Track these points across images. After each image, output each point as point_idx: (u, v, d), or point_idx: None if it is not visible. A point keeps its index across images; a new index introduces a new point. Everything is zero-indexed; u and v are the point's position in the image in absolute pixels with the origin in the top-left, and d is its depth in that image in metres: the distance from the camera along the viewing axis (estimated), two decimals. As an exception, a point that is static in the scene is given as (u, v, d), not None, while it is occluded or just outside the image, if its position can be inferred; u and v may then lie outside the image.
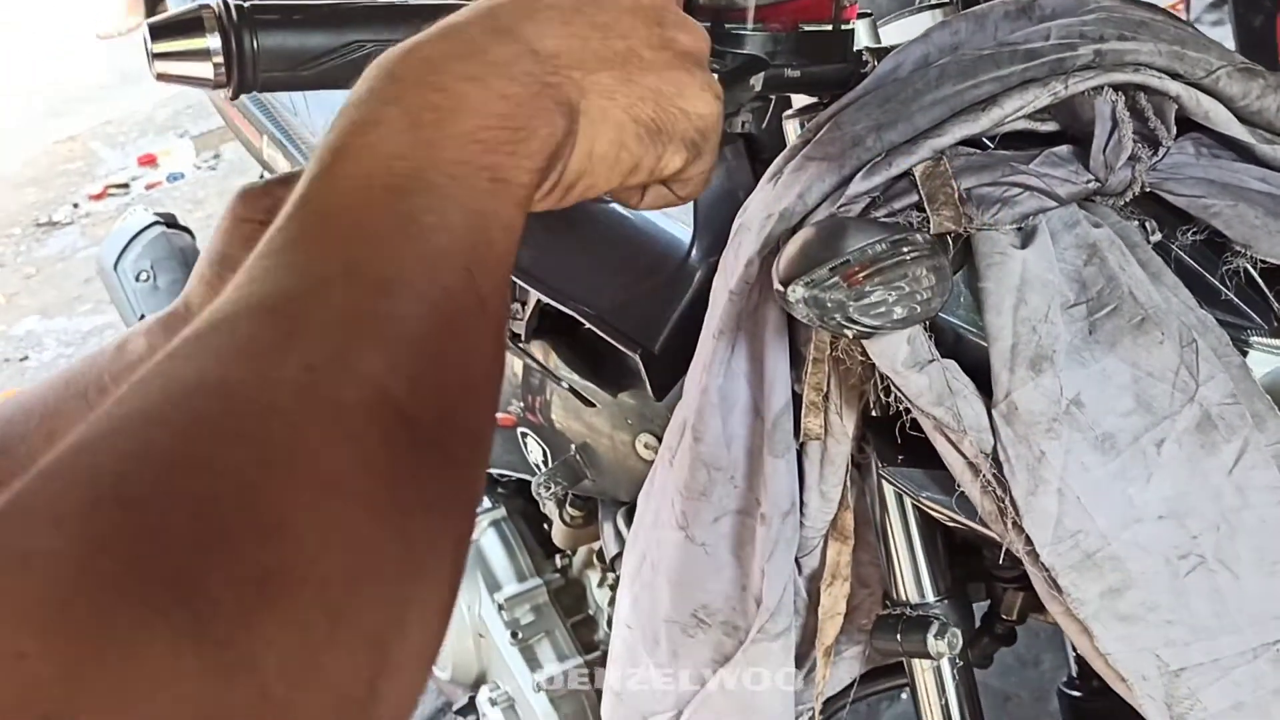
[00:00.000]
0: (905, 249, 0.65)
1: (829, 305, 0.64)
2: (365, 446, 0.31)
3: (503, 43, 0.47)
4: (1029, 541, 0.70)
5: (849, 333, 0.67)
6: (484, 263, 0.40)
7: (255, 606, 0.26)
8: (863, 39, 0.86)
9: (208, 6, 0.65)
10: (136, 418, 0.29)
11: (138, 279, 2.13)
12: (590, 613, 1.47)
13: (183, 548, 0.26)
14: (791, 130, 0.83)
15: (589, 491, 1.21)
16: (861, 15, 0.86)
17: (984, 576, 0.92)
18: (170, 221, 2.25)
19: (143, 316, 2.13)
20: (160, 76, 0.66)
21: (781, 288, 0.64)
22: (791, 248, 0.66)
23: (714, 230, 0.96)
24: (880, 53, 0.78)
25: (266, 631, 0.26)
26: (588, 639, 1.46)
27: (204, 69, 0.65)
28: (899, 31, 0.94)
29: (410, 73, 0.44)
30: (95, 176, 4.53)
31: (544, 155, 0.45)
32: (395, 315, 0.36)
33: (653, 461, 1.00)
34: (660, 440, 1.07)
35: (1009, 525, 0.71)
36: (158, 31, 0.64)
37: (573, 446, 1.18)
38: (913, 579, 0.86)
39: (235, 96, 0.67)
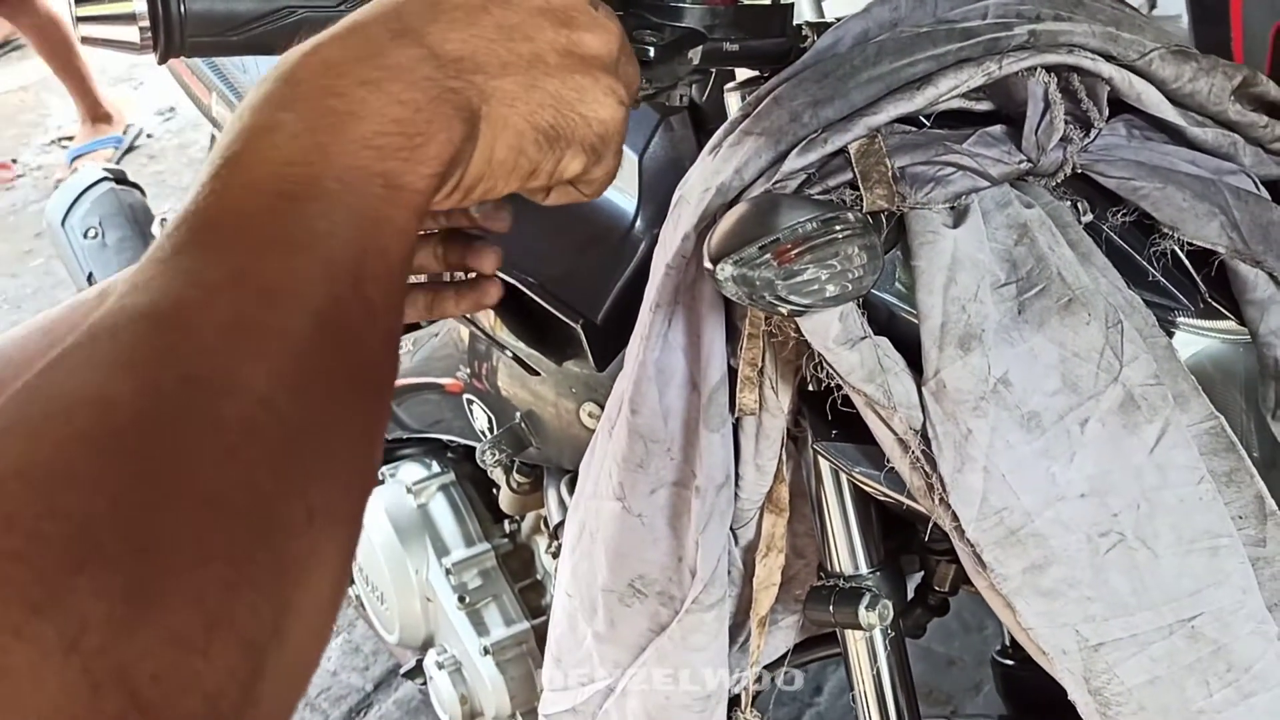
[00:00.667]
0: (837, 227, 0.65)
1: (758, 284, 0.64)
2: (244, 460, 0.31)
3: (404, 45, 0.46)
4: (955, 518, 0.71)
5: (781, 310, 0.67)
6: (375, 270, 0.40)
7: (127, 619, 0.26)
8: (805, 12, 0.86)
9: None
10: (16, 431, 0.29)
11: (86, 236, 2.11)
12: (538, 577, 1.48)
13: (54, 565, 0.26)
14: (733, 102, 0.83)
15: (534, 459, 1.21)
16: (805, -13, 0.86)
17: (917, 548, 0.93)
18: (120, 177, 2.22)
19: (90, 275, 2.11)
20: (84, 40, 0.64)
21: (711, 265, 0.65)
22: (722, 226, 0.66)
23: (658, 201, 0.96)
24: (820, 27, 0.78)
25: (139, 643, 0.26)
26: (535, 604, 1.47)
27: (129, 32, 0.64)
28: (844, 4, 0.95)
29: (309, 75, 0.44)
30: (47, 128, 4.45)
31: (441, 161, 0.45)
32: (280, 326, 0.36)
33: (595, 430, 1.00)
34: (603, 409, 1.07)
35: (936, 501, 0.72)
36: None
37: (518, 414, 1.18)
38: (846, 551, 0.87)
39: (162, 61, 0.66)
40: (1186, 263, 0.73)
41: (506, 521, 1.49)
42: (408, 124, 0.44)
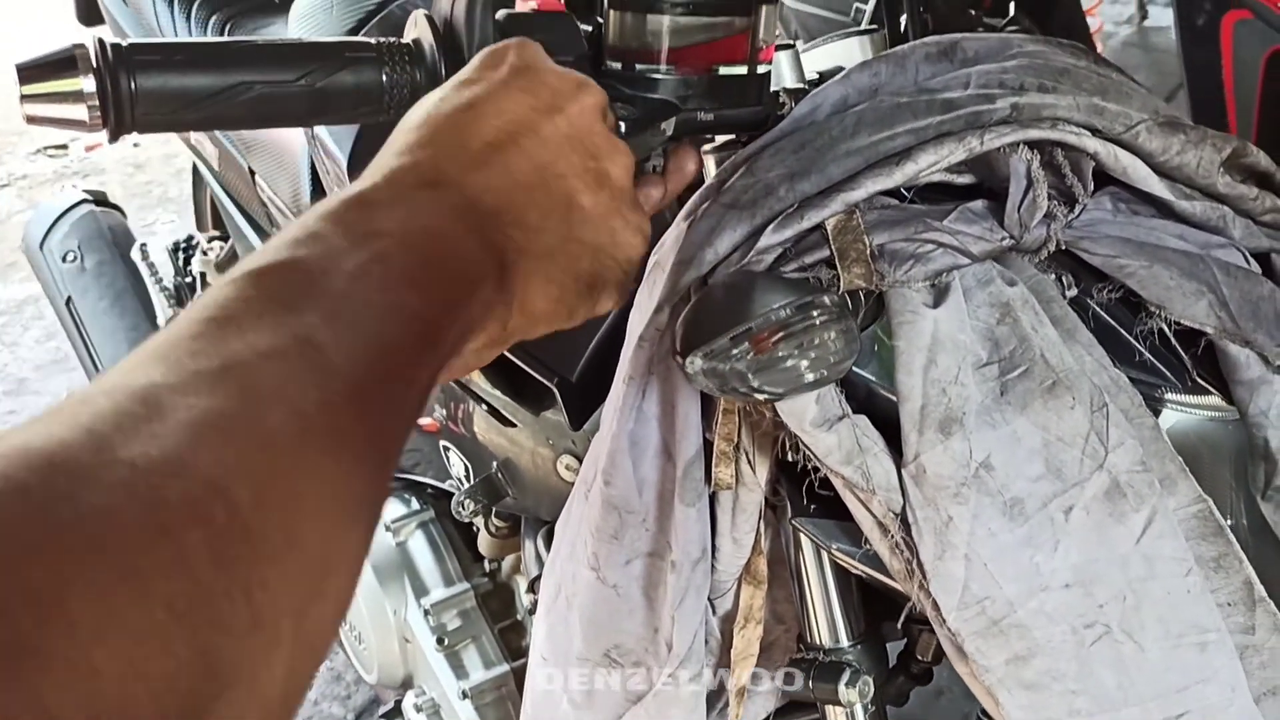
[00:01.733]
0: (814, 313, 0.63)
1: (729, 376, 0.62)
2: (180, 543, 0.30)
3: (443, 194, 0.47)
4: (936, 605, 0.69)
5: (756, 399, 0.65)
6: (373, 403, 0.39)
7: (5, 680, 0.25)
8: (785, 71, 0.83)
9: (81, 45, 0.61)
10: None
11: (64, 259, 2.07)
12: (519, 618, 1.46)
13: None
14: (710, 165, 0.80)
15: (511, 509, 1.19)
16: (782, 47, 0.83)
17: (899, 617, 0.91)
18: (100, 199, 2.19)
19: (69, 299, 2.09)
20: (30, 119, 0.62)
21: (680, 359, 0.62)
22: (692, 313, 0.64)
23: (635, 256, 0.94)
24: (798, 93, 0.75)
25: (10, 708, 0.25)
26: (515, 644, 1.45)
27: (77, 111, 0.61)
28: (824, 57, 0.92)
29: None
30: (33, 136, 4.41)
31: (471, 325, 0.46)
32: (255, 421, 0.35)
33: (574, 483, 0.98)
34: (581, 462, 1.05)
35: (917, 587, 0.70)
36: (27, 73, 0.61)
37: (494, 463, 1.16)
38: (826, 623, 0.85)
39: (113, 140, 0.64)
40: (1174, 341, 0.70)
41: (486, 560, 1.47)
42: (447, 287, 0.44)
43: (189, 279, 2.02)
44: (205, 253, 1.95)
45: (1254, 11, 1.65)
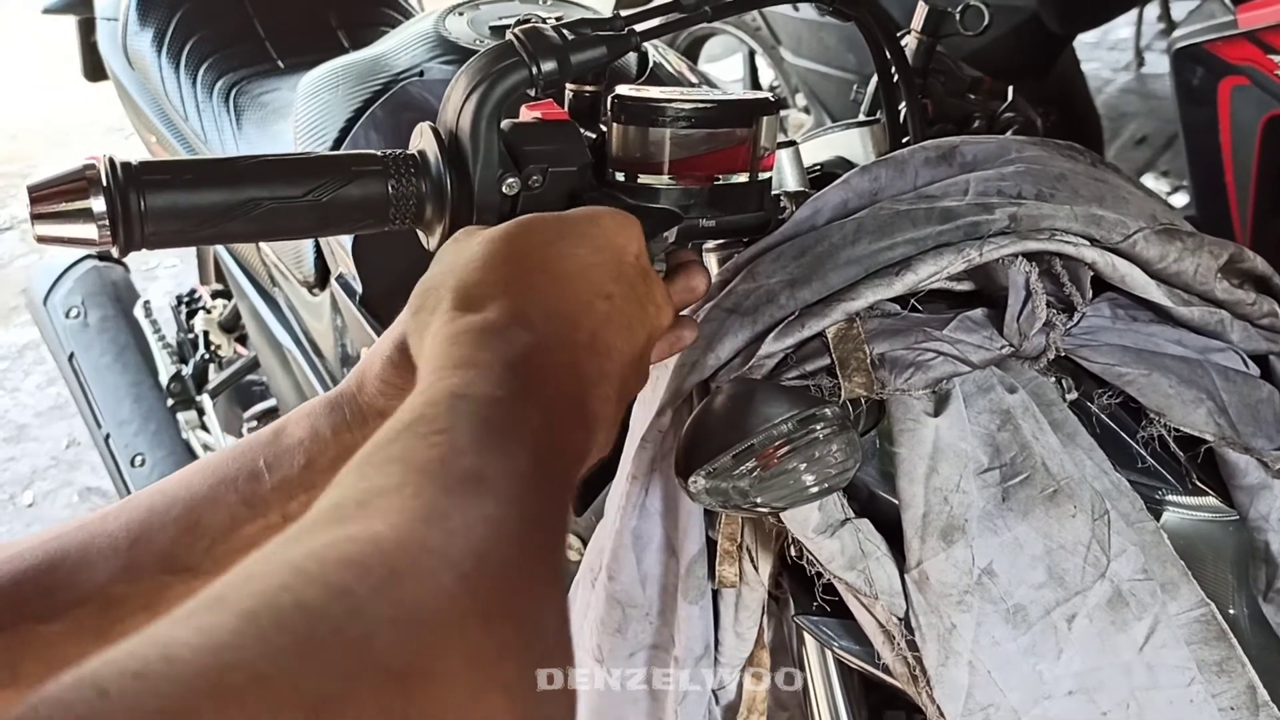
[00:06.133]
0: (816, 425, 0.63)
1: (731, 494, 0.62)
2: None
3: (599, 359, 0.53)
4: (941, 712, 0.69)
5: (760, 512, 0.65)
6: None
7: None
8: (786, 169, 0.84)
9: (92, 166, 0.62)
10: (249, 632, 0.29)
11: (68, 315, 2.08)
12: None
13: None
14: (711, 264, 0.81)
15: (513, 585, 1.19)
16: (783, 145, 0.84)
17: (904, 704, 0.91)
18: (103, 254, 2.20)
19: (72, 354, 2.09)
20: (41, 239, 0.63)
21: (682, 479, 0.63)
22: (690, 432, 0.64)
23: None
24: (799, 197, 0.76)
25: None
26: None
27: (87, 230, 0.62)
28: (824, 147, 0.93)
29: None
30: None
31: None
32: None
33: (576, 562, 0.98)
34: (584, 541, 1.05)
35: (921, 690, 0.70)
36: (38, 195, 0.61)
37: (498, 538, 1.16)
38: (829, 714, 0.85)
39: (123, 255, 0.64)
40: (1174, 445, 0.71)
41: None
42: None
43: (191, 335, 2.03)
44: (208, 310, 1.96)
45: (1250, 78, 1.67)
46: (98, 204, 0.61)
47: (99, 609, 0.61)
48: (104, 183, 0.61)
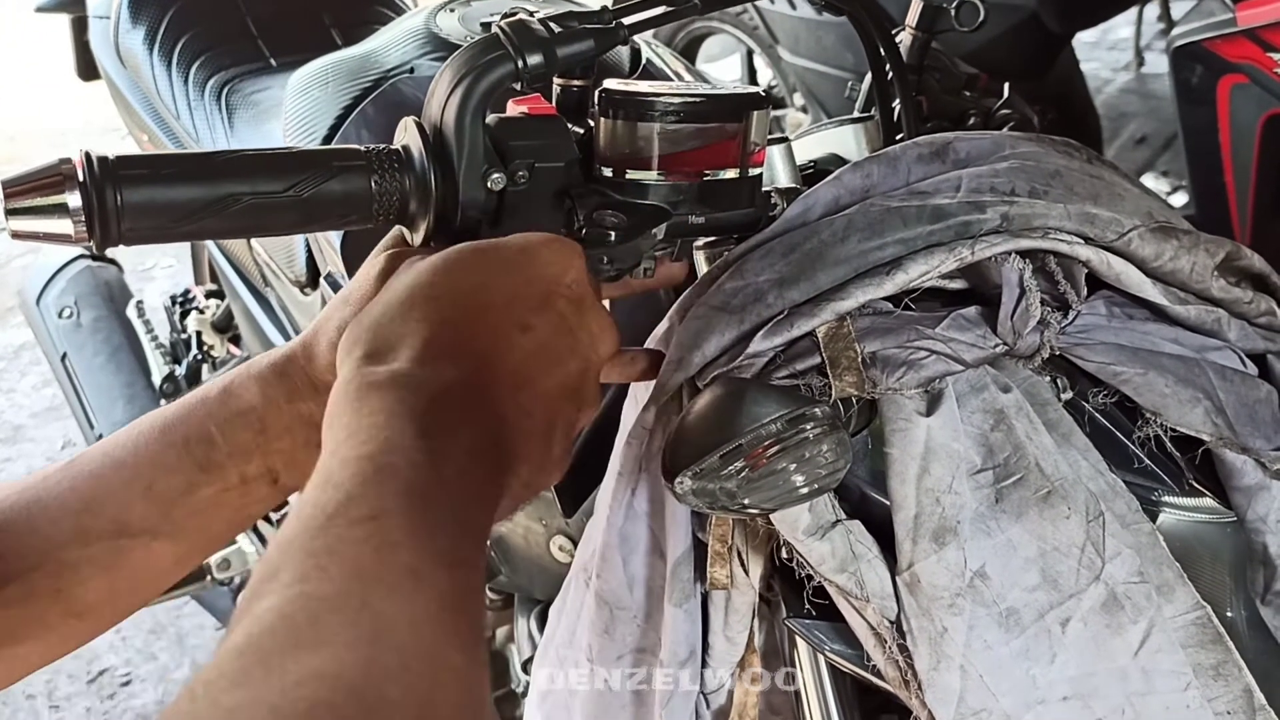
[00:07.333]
0: (806, 425, 0.62)
1: (718, 495, 0.61)
2: None
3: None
4: (933, 717, 0.68)
5: (749, 514, 0.64)
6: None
7: None
8: (778, 165, 0.83)
9: (68, 161, 0.61)
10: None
11: (60, 315, 2.07)
12: (513, 687, 1.44)
13: None
14: (701, 261, 0.80)
15: (504, 587, 1.18)
16: (775, 141, 0.83)
17: (897, 708, 0.90)
18: (96, 255, 2.19)
19: (65, 355, 2.08)
20: (16, 235, 0.61)
21: (668, 480, 0.61)
22: (677, 432, 0.63)
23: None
24: (790, 194, 0.75)
25: None
26: (509, 715, 1.43)
27: (62, 225, 0.61)
28: (817, 145, 0.92)
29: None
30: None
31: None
32: None
33: (567, 564, 0.97)
34: (574, 543, 1.04)
35: (913, 694, 0.69)
36: (12, 189, 0.60)
37: (487, 539, 1.15)
38: (821, 718, 0.84)
39: (100, 251, 0.63)
40: (1170, 446, 0.70)
41: (481, 629, 1.45)
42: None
43: (184, 335, 2.01)
44: (201, 310, 1.94)
45: (1250, 76, 1.65)
46: (73, 199, 0.60)
47: (52, 572, 0.61)
48: (80, 177, 0.60)
